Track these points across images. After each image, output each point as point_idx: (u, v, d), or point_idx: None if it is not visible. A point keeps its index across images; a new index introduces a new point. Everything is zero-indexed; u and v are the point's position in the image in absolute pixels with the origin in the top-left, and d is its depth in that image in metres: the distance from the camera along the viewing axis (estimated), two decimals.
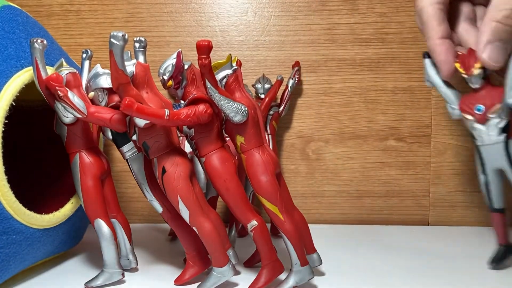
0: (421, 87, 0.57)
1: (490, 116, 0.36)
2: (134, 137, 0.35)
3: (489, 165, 0.37)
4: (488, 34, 0.32)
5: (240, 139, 0.35)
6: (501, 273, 0.39)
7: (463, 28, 0.37)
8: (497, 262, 0.40)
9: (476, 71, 0.35)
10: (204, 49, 0.32)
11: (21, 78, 0.36)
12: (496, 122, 0.36)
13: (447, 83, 0.39)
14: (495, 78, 0.37)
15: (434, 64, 0.38)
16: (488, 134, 0.36)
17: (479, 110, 0.36)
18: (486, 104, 0.36)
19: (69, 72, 0.36)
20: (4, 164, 0.34)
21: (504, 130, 0.36)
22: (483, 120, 0.36)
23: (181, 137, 0.46)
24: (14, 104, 0.35)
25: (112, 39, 0.31)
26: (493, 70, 0.35)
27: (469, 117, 0.37)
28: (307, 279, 0.35)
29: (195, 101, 0.34)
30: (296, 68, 0.55)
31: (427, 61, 0.39)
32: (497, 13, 0.31)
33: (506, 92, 0.34)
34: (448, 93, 0.38)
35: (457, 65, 0.36)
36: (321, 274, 0.39)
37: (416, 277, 0.39)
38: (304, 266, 0.35)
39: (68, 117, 0.36)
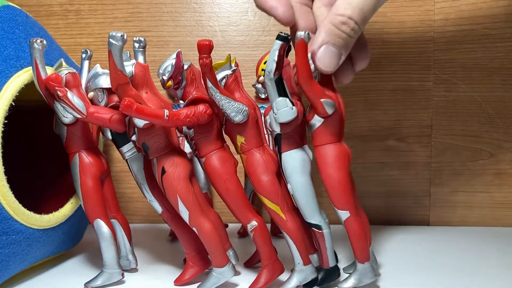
0: (421, 87, 0.56)
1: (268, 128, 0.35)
2: (134, 138, 0.35)
3: None
4: (323, 35, 0.31)
5: (240, 139, 0.35)
6: (502, 274, 0.39)
7: (317, 5, 0.36)
8: None
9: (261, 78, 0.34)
10: (205, 48, 0.32)
11: (21, 78, 0.36)
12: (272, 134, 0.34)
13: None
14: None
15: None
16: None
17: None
18: (265, 113, 0.35)
19: (69, 72, 0.36)
20: (4, 164, 0.34)
21: (275, 142, 0.34)
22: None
23: (180, 138, 0.46)
24: (14, 104, 0.35)
25: (110, 39, 0.31)
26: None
27: None
28: (310, 279, 0.35)
29: (194, 102, 0.34)
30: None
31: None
32: (335, 17, 0.30)
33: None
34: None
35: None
36: None
37: (416, 278, 0.38)
38: (307, 265, 0.35)
39: (67, 117, 0.36)
